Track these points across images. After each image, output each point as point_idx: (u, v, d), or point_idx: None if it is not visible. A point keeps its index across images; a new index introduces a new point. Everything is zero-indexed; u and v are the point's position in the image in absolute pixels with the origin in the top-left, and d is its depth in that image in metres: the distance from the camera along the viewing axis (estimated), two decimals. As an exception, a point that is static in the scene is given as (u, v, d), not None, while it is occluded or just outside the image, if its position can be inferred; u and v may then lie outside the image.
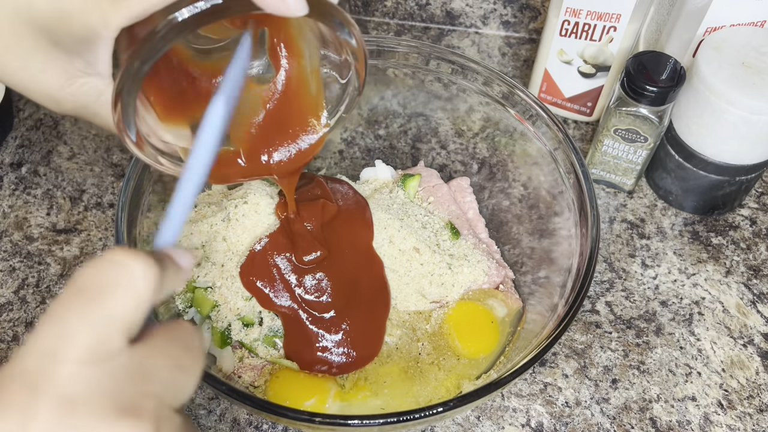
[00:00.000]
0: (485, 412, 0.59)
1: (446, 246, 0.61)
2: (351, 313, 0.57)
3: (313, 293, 0.56)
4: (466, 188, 0.67)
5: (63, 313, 0.28)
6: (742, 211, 0.72)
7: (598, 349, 0.62)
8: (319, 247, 0.56)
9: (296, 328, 0.56)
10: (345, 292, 0.57)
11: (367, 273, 0.58)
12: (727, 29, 0.64)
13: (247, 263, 0.56)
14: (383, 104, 0.68)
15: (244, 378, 0.56)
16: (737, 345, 0.63)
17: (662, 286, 0.66)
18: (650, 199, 0.72)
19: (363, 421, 0.44)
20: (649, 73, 0.62)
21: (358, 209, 0.60)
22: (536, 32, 0.86)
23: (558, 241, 0.58)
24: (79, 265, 0.66)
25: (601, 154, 0.69)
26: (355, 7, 0.87)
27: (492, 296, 0.60)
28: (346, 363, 0.56)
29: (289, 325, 0.56)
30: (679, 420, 0.59)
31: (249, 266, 0.56)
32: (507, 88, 0.61)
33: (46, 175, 0.72)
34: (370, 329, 0.57)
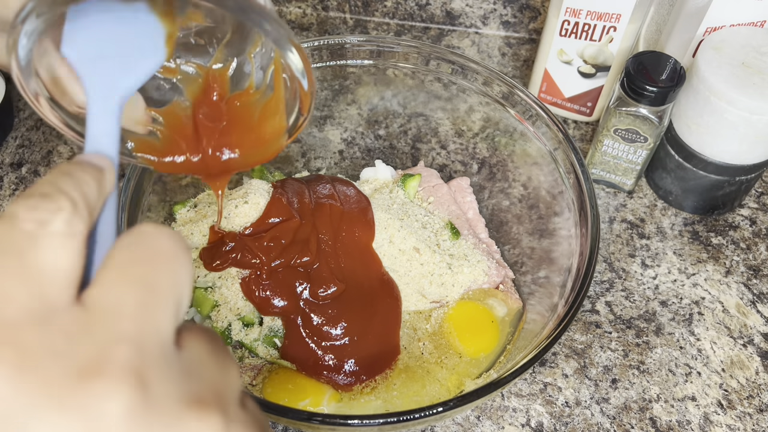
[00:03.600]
0: (485, 412, 0.59)
1: (446, 246, 0.61)
2: (362, 331, 0.56)
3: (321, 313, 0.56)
4: (466, 188, 0.67)
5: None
6: (742, 211, 0.72)
7: (598, 349, 0.62)
8: (336, 281, 0.56)
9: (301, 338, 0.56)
10: (358, 312, 0.57)
11: (380, 291, 0.58)
12: (727, 29, 0.64)
13: (250, 277, 0.56)
14: (383, 104, 0.68)
15: (244, 378, 0.56)
16: (737, 345, 0.63)
17: (662, 286, 0.66)
18: (650, 199, 0.73)
19: (363, 421, 0.44)
20: (649, 73, 0.62)
21: (361, 211, 0.60)
22: (536, 32, 0.86)
23: (558, 241, 0.58)
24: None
25: (601, 154, 0.69)
26: (355, 7, 0.87)
27: (492, 296, 0.60)
28: (355, 381, 0.56)
29: (292, 332, 0.56)
30: (679, 420, 0.59)
31: (251, 280, 0.56)
32: (507, 88, 0.61)
33: (46, 175, 0.72)
34: (382, 344, 0.57)
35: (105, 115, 0.32)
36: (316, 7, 0.87)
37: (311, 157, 0.71)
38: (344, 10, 0.87)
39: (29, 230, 0.24)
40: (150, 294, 0.24)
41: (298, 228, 0.57)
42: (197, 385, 0.24)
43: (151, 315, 0.24)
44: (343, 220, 0.59)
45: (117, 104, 0.32)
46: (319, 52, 0.63)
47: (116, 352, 0.22)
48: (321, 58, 0.63)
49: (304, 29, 0.88)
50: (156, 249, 0.26)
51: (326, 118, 0.70)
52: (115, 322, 0.23)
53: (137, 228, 0.26)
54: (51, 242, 0.24)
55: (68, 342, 0.22)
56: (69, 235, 0.24)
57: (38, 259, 0.23)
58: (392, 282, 0.59)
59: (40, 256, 0.23)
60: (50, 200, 0.25)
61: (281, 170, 0.70)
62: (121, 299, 0.24)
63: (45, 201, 0.24)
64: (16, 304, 0.23)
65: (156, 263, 0.25)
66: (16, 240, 0.23)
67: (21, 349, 0.22)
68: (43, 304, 0.23)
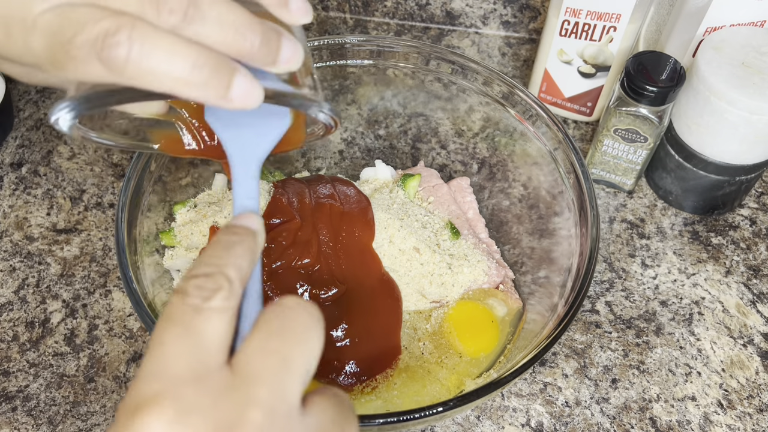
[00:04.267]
0: (485, 412, 0.59)
1: (446, 246, 0.61)
2: (362, 332, 0.56)
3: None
4: (466, 188, 0.67)
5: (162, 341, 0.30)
6: (742, 211, 0.72)
7: (598, 348, 0.63)
8: (336, 283, 0.56)
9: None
10: (358, 313, 0.57)
11: (380, 292, 0.58)
12: (727, 29, 0.64)
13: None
14: (383, 104, 0.68)
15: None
16: (737, 345, 0.63)
17: (662, 286, 0.66)
18: (650, 199, 0.73)
19: (363, 421, 0.44)
20: (649, 73, 0.62)
21: (361, 211, 0.60)
22: (536, 32, 0.86)
23: (558, 241, 0.58)
24: (79, 265, 0.66)
25: (601, 154, 0.69)
26: (355, 7, 0.87)
27: (492, 296, 0.60)
28: (355, 382, 0.56)
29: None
30: (679, 420, 0.59)
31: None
32: (507, 88, 0.61)
33: (46, 175, 0.72)
34: (383, 345, 0.57)
35: (247, 179, 0.37)
36: (316, 7, 0.87)
37: (311, 157, 0.71)
38: (344, 10, 0.87)
39: (195, 304, 0.29)
40: (285, 365, 0.29)
41: (299, 229, 0.57)
42: None
43: (283, 383, 0.29)
44: (343, 220, 0.59)
45: (257, 168, 0.38)
46: (319, 52, 0.63)
47: (250, 415, 0.28)
48: (321, 58, 0.63)
49: (304, 29, 0.88)
50: (294, 323, 0.31)
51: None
52: (254, 387, 0.29)
53: (281, 301, 0.31)
54: (210, 315, 0.29)
55: (214, 400, 0.28)
56: (224, 310, 0.30)
57: (200, 328, 0.29)
58: (392, 282, 0.59)
59: (201, 326, 0.29)
60: (212, 280, 0.30)
61: (281, 170, 0.70)
62: (261, 368, 0.29)
63: (208, 281, 0.30)
64: (182, 363, 0.28)
65: (293, 337, 0.30)
66: (185, 312, 0.29)
67: (179, 403, 0.28)
68: (201, 365, 0.29)
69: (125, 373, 0.60)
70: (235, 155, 0.38)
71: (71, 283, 0.65)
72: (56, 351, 0.61)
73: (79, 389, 0.59)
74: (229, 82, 0.32)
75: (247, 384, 0.29)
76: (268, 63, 0.34)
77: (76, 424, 0.57)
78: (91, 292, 0.65)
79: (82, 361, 0.61)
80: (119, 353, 0.61)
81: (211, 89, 0.32)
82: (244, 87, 0.32)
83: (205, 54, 0.31)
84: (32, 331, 0.62)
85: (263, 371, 0.29)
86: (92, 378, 0.60)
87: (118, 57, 0.30)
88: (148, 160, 0.56)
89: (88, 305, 0.64)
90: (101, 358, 0.61)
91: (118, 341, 0.62)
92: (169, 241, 0.59)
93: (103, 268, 0.66)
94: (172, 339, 0.29)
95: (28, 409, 0.58)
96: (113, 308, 0.64)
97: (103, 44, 0.30)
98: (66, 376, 0.60)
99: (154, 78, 0.31)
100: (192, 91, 0.31)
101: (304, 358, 0.30)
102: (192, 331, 0.29)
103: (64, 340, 0.62)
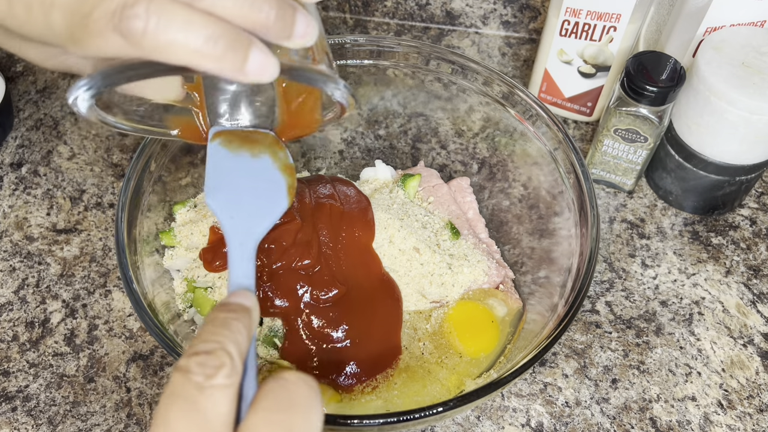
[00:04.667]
0: (485, 412, 0.59)
1: (446, 246, 0.61)
2: (363, 333, 0.56)
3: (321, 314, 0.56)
4: (466, 188, 0.67)
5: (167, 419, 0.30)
6: (742, 211, 0.72)
7: (598, 349, 0.62)
8: (337, 284, 0.56)
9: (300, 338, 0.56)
10: (359, 314, 0.56)
11: (381, 292, 0.58)
12: (727, 29, 0.64)
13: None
14: (383, 104, 0.68)
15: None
16: (737, 345, 0.63)
17: (662, 286, 0.66)
18: (650, 199, 0.73)
19: (363, 421, 0.44)
20: (649, 73, 0.62)
21: (361, 211, 0.60)
22: (536, 32, 0.86)
23: (558, 241, 0.58)
24: (79, 265, 0.66)
25: (601, 154, 0.69)
26: (355, 7, 0.87)
27: (492, 296, 0.60)
28: (356, 383, 0.56)
29: (293, 334, 0.56)
30: (679, 420, 0.59)
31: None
32: (507, 88, 0.61)
33: (46, 175, 0.72)
34: (383, 346, 0.57)
35: (243, 261, 0.39)
36: (316, 7, 0.87)
37: (311, 157, 0.71)
38: (344, 10, 0.87)
39: (199, 382, 0.30)
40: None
41: (299, 230, 0.57)
42: None
43: None
44: (343, 220, 0.59)
45: (253, 249, 0.39)
46: (319, 52, 0.63)
47: None
48: (321, 58, 0.63)
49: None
50: (295, 396, 0.32)
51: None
52: None
53: (281, 375, 0.32)
54: (213, 393, 0.30)
55: None
56: (227, 387, 0.31)
57: (205, 405, 0.30)
58: (393, 282, 0.59)
59: (206, 404, 0.30)
60: (214, 357, 0.31)
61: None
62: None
63: (210, 358, 0.31)
64: None
65: (294, 412, 0.31)
66: (189, 390, 0.30)
67: None
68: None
69: (125, 373, 0.60)
70: (232, 237, 0.40)
71: (71, 283, 0.65)
72: (56, 351, 0.61)
73: (79, 389, 0.59)
74: (246, 54, 0.32)
75: None
76: (283, 37, 0.34)
77: (76, 424, 0.57)
78: (91, 292, 0.64)
79: (82, 362, 0.60)
80: (119, 353, 0.61)
81: (227, 62, 0.32)
82: (260, 60, 0.32)
83: (222, 26, 0.31)
84: (32, 331, 0.62)
85: None
86: (92, 378, 0.60)
87: (135, 29, 0.30)
88: (148, 160, 0.56)
89: (88, 305, 0.64)
90: (101, 359, 0.61)
91: (118, 341, 0.62)
92: (169, 241, 0.59)
93: (103, 268, 0.66)
94: (178, 418, 0.30)
95: (28, 410, 0.58)
96: (113, 308, 0.64)
97: (121, 16, 0.30)
98: (66, 376, 0.60)
99: (171, 50, 0.31)
100: (208, 63, 0.31)
101: (307, 430, 0.31)
102: (196, 408, 0.30)
103: (64, 340, 0.62)
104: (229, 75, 0.32)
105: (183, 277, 0.58)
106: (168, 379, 0.33)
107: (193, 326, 0.58)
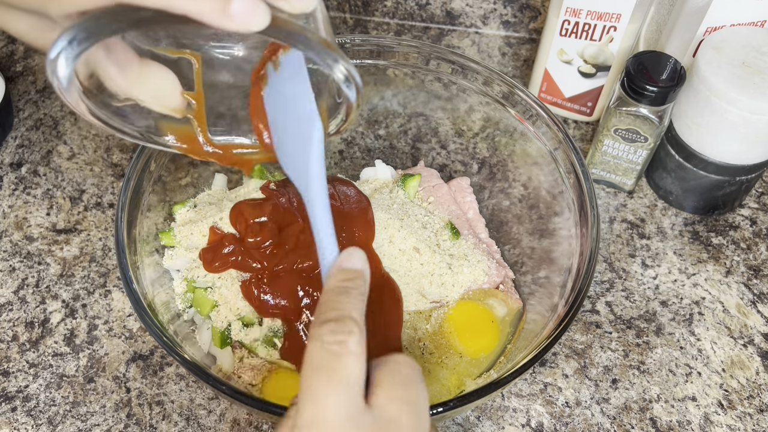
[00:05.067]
0: (485, 412, 0.59)
1: (446, 246, 0.61)
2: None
3: None
4: (466, 188, 0.67)
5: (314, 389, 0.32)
6: (742, 211, 0.72)
7: (598, 349, 0.62)
8: None
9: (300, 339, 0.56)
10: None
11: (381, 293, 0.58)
12: (727, 29, 0.64)
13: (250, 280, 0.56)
14: (383, 104, 0.68)
15: (244, 378, 0.56)
16: (737, 345, 0.63)
17: (662, 286, 0.66)
18: (650, 199, 0.72)
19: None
20: (649, 73, 0.62)
21: (361, 211, 0.60)
22: (536, 32, 0.86)
23: (558, 241, 0.58)
24: (79, 265, 0.66)
25: (601, 154, 0.69)
26: (355, 7, 0.87)
27: (492, 296, 0.60)
28: None
29: (293, 334, 0.56)
30: (679, 420, 0.59)
31: (251, 283, 0.56)
32: (507, 88, 0.61)
33: (46, 175, 0.72)
34: (384, 346, 0.57)
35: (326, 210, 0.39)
36: None
37: (311, 157, 0.71)
38: (344, 9, 0.87)
39: (335, 350, 0.32)
40: (415, 411, 0.34)
41: (301, 231, 0.57)
42: None
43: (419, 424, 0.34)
44: (344, 220, 0.59)
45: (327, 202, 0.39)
46: (319, 52, 0.63)
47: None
48: (321, 58, 0.63)
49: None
50: (409, 374, 0.35)
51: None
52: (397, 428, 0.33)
53: (393, 358, 0.36)
54: (350, 360, 0.32)
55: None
56: (360, 353, 0.33)
57: (344, 373, 0.32)
58: (393, 283, 0.59)
59: (345, 371, 0.32)
60: (343, 324, 0.33)
61: (281, 170, 0.69)
62: (398, 413, 0.34)
63: (340, 325, 0.33)
64: (338, 409, 0.32)
65: (411, 386, 0.35)
66: (328, 359, 0.32)
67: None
68: (352, 408, 0.32)
69: (125, 374, 0.60)
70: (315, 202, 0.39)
71: (71, 283, 0.65)
72: (56, 351, 0.61)
73: (79, 389, 0.59)
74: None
75: (391, 426, 0.33)
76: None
77: (75, 424, 0.57)
78: (91, 292, 0.64)
79: (82, 362, 0.60)
80: (119, 353, 0.61)
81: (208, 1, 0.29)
82: (245, 2, 0.29)
83: None
84: (32, 332, 0.62)
85: (401, 415, 0.33)
86: (92, 378, 0.60)
87: None
88: (148, 160, 0.56)
89: (87, 305, 0.64)
90: (101, 359, 0.61)
91: (118, 341, 0.62)
92: (169, 241, 0.59)
93: (102, 268, 0.66)
94: (323, 386, 0.32)
95: (28, 410, 0.58)
96: (113, 308, 0.64)
97: None
98: (66, 376, 0.60)
99: None
100: (187, 2, 0.29)
101: (424, 403, 0.35)
102: (338, 376, 0.32)
103: (63, 340, 0.62)
104: (209, 19, 0.29)
105: (183, 277, 0.58)
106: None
107: (193, 326, 0.58)
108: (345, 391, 0.32)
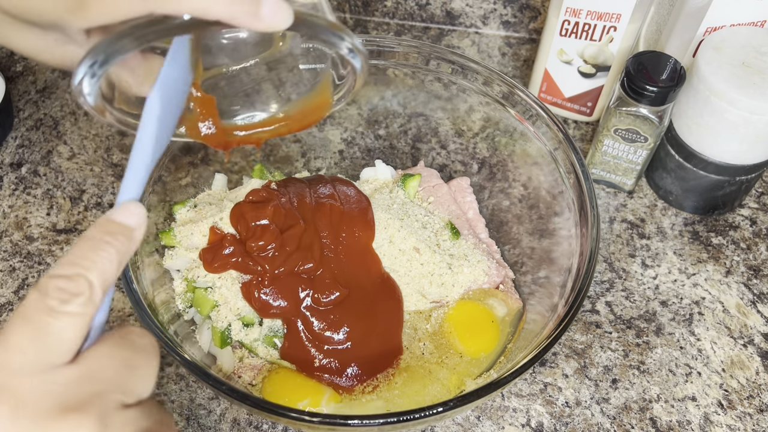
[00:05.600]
0: (485, 412, 0.59)
1: (446, 246, 0.61)
2: (364, 334, 0.56)
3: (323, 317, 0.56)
4: (466, 188, 0.67)
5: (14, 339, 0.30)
6: (742, 211, 0.72)
7: (598, 349, 0.62)
8: (339, 287, 0.56)
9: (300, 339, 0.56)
10: (360, 316, 0.56)
11: (381, 293, 0.58)
12: (727, 29, 0.64)
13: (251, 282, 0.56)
14: (383, 104, 0.68)
15: (244, 378, 0.56)
16: (737, 345, 0.63)
17: (662, 286, 0.66)
18: (650, 199, 0.72)
19: (363, 421, 0.44)
20: (649, 73, 0.62)
21: (361, 211, 0.60)
22: (536, 32, 0.86)
23: (558, 241, 0.58)
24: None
25: (601, 154, 0.69)
26: (355, 7, 0.87)
27: (492, 296, 0.60)
28: (357, 383, 0.55)
29: (293, 335, 0.56)
30: (679, 420, 0.59)
31: (252, 285, 0.56)
32: (507, 88, 0.61)
33: (46, 175, 0.72)
34: (384, 344, 0.57)
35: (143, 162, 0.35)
36: None
37: (311, 157, 0.71)
38: (344, 10, 0.87)
39: (51, 306, 0.30)
40: (127, 371, 0.32)
41: (303, 233, 0.57)
42: None
43: (122, 383, 0.31)
44: (344, 221, 0.59)
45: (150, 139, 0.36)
46: (319, 52, 0.63)
47: (91, 401, 0.30)
48: (321, 58, 0.63)
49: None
50: (139, 342, 0.33)
51: (326, 118, 0.70)
52: (96, 382, 0.30)
53: (128, 328, 0.33)
54: (64, 319, 0.30)
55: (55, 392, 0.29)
56: (80, 315, 0.30)
57: (51, 329, 0.30)
58: (393, 283, 0.59)
59: (53, 328, 0.30)
60: (74, 283, 0.30)
61: (281, 170, 0.70)
62: (106, 368, 0.31)
63: (70, 284, 0.30)
64: (23, 358, 0.29)
65: (136, 352, 0.33)
66: (40, 310, 0.30)
67: (16, 393, 0.29)
68: (43, 361, 0.30)
69: (125, 374, 0.60)
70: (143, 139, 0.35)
71: (71, 283, 0.65)
72: (56, 351, 0.61)
73: (79, 389, 0.59)
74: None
75: (92, 379, 0.30)
76: None
77: (75, 424, 0.57)
78: (91, 292, 0.64)
79: (82, 362, 0.60)
80: (119, 353, 0.61)
81: (240, 5, 0.31)
82: (273, 3, 0.31)
83: None
84: (32, 331, 0.62)
85: (109, 370, 0.31)
86: (92, 378, 0.60)
87: None
88: (148, 160, 0.56)
89: (87, 305, 0.64)
90: (101, 358, 0.61)
91: (118, 341, 0.62)
92: (169, 241, 0.59)
93: (102, 268, 0.66)
94: (21, 335, 0.30)
95: (28, 410, 0.58)
96: (113, 308, 0.64)
97: None
98: (66, 376, 0.60)
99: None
100: (220, 7, 0.31)
101: (148, 370, 0.33)
102: (42, 331, 0.30)
103: (63, 340, 0.62)
104: (242, 21, 0.31)
105: (183, 277, 0.58)
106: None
107: (193, 326, 0.58)
108: (42, 346, 0.30)
